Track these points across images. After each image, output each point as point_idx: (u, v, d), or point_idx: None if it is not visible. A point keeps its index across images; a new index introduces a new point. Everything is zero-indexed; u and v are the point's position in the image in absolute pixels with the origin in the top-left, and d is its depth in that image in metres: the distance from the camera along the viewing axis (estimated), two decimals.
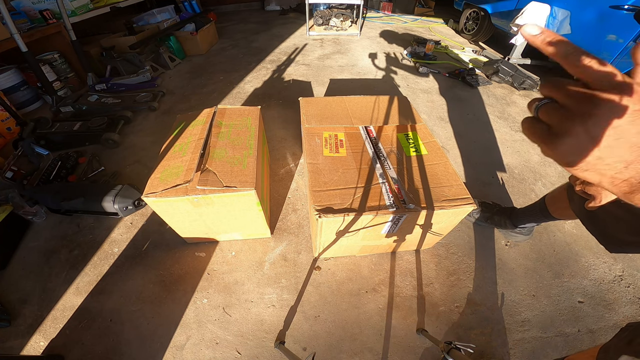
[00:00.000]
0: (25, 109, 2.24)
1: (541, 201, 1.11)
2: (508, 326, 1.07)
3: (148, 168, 1.70)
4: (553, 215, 1.05)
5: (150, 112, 2.20)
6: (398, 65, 2.97)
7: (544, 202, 1.08)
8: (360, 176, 1.03)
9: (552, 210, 1.04)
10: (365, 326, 1.06)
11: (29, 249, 1.30)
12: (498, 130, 2.06)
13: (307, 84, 2.60)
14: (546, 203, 1.07)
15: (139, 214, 1.43)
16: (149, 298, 1.13)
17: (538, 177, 1.68)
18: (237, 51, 3.30)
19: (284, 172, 1.67)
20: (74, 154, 1.71)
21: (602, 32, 1.99)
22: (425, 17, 4.71)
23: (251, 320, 1.07)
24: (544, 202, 1.08)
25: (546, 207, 1.07)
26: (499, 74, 2.60)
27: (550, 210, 1.05)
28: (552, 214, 1.05)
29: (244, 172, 1.00)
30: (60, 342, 1.02)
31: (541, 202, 1.10)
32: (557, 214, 1.03)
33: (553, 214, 1.04)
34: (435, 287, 1.17)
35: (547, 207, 1.06)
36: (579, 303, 1.14)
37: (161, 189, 0.94)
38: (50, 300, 1.13)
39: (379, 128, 1.27)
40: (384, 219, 0.94)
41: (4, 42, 1.91)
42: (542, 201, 1.10)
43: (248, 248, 1.29)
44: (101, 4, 2.68)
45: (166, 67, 2.87)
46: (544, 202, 1.08)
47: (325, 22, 3.93)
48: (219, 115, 1.28)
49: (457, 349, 0.79)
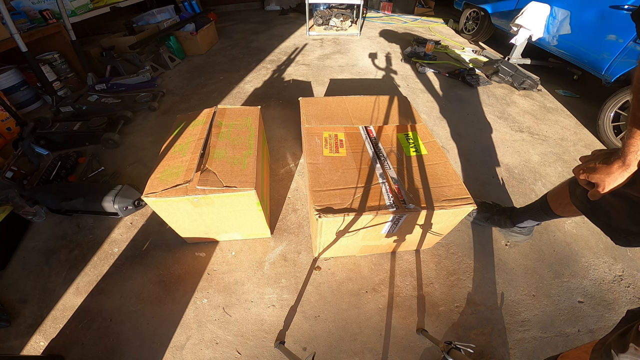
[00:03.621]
0: (25, 109, 2.24)
1: (543, 198, 1.11)
2: (508, 326, 1.07)
3: (148, 168, 1.70)
4: (555, 212, 1.05)
5: (150, 112, 2.20)
6: (398, 65, 2.97)
7: (546, 199, 1.09)
8: (360, 176, 1.03)
9: (554, 207, 1.05)
10: (365, 326, 1.06)
11: (29, 249, 1.30)
12: (498, 130, 2.06)
13: (307, 84, 2.60)
14: (548, 200, 1.08)
15: (139, 214, 1.43)
16: (149, 298, 1.13)
17: (538, 177, 1.68)
18: (237, 51, 3.30)
19: (284, 172, 1.67)
20: (74, 154, 1.71)
21: (602, 32, 1.98)
22: (425, 17, 4.71)
23: (251, 320, 1.07)
24: (546, 199, 1.09)
25: (548, 204, 1.07)
26: (499, 74, 2.60)
27: (552, 207, 1.05)
28: (554, 211, 1.05)
29: (244, 172, 1.00)
30: (60, 342, 1.02)
31: (543, 199, 1.11)
32: (559, 211, 1.03)
33: (555, 211, 1.05)
34: (435, 287, 1.17)
35: (549, 204, 1.07)
36: (579, 303, 1.14)
37: (161, 189, 0.94)
38: (50, 300, 1.13)
39: (379, 128, 1.27)
40: (384, 219, 0.94)
41: (4, 42, 1.91)
42: (544, 198, 1.11)
43: (248, 248, 1.29)
44: (101, 4, 2.68)
45: (166, 67, 2.87)
46: (546, 199, 1.09)
47: (325, 22, 3.93)
48: (219, 115, 1.28)
49: (457, 349, 0.79)
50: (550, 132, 2.06)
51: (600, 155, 0.67)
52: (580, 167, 0.71)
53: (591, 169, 0.67)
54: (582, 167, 0.71)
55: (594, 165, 0.67)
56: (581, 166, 0.71)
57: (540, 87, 2.60)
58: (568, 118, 2.23)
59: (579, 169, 0.71)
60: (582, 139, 2.01)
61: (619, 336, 0.57)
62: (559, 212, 1.03)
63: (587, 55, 2.13)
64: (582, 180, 0.71)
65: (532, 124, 2.14)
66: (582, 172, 0.70)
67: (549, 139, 1.99)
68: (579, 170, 0.71)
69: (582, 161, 0.72)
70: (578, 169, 0.71)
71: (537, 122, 2.16)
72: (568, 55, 2.33)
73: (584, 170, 0.69)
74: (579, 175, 0.71)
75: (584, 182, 0.71)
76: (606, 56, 1.97)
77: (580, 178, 0.71)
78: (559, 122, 2.17)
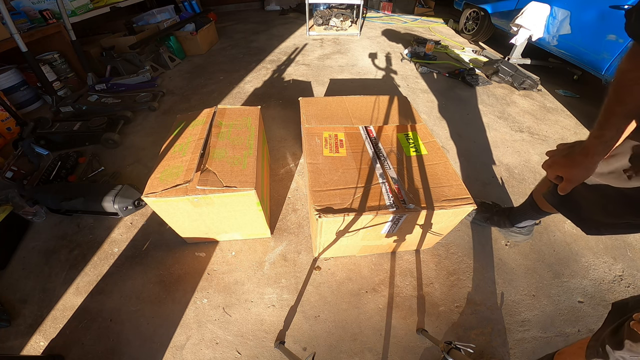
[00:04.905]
0: (25, 109, 2.24)
1: (530, 196, 1.11)
2: (508, 326, 1.07)
3: (148, 168, 1.70)
4: (542, 208, 1.05)
5: (150, 112, 2.20)
6: (398, 65, 2.97)
7: (532, 197, 1.09)
8: (360, 176, 1.03)
9: (540, 204, 1.05)
10: (365, 326, 1.06)
11: (29, 249, 1.30)
12: (498, 130, 2.06)
13: (307, 84, 2.60)
14: (534, 197, 1.08)
15: (139, 214, 1.43)
16: (149, 298, 1.13)
17: (538, 177, 1.67)
18: (237, 51, 3.30)
19: (284, 172, 1.67)
20: (74, 154, 1.71)
21: (602, 32, 1.98)
22: (425, 17, 4.71)
23: (251, 320, 1.07)
24: (532, 197, 1.09)
25: (534, 201, 1.07)
26: (499, 74, 2.60)
27: (538, 204, 1.05)
28: (541, 207, 1.05)
29: (244, 172, 1.00)
30: (60, 342, 1.02)
31: (530, 198, 1.11)
32: (545, 207, 1.03)
33: (542, 207, 1.04)
34: (435, 287, 1.17)
35: (535, 201, 1.07)
36: (579, 303, 1.14)
37: (161, 189, 0.94)
38: (50, 300, 1.13)
39: (379, 128, 1.27)
40: (384, 219, 0.94)
41: (4, 42, 1.91)
42: (530, 196, 1.11)
43: (248, 248, 1.29)
44: (101, 4, 2.68)
45: (166, 67, 2.87)
46: (532, 197, 1.09)
47: (325, 22, 3.93)
48: (219, 115, 1.28)
49: (457, 349, 0.79)
50: (550, 132, 2.06)
51: (564, 149, 0.67)
52: (547, 162, 0.70)
53: (556, 162, 0.67)
54: (548, 162, 0.70)
55: (559, 159, 0.66)
56: (548, 161, 0.70)
57: (540, 87, 2.60)
58: (568, 118, 2.23)
59: (547, 164, 0.70)
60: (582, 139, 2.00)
61: (613, 332, 0.57)
62: (546, 208, 1.03)
63: (587, 55, 2.13)
64: (551, 175, 0.70)
65: (532, 124, 2.14)
66: (548, 167, 0.69)
67: (549, 139, 1.99)
68: (547, 166, 0.70)
69: (549, 156, 0.72)
70: (546, 164, 0.71)
71: (537, 122, 2.16)
72: (568, 55, 2.33)
73: (550, 165, 0.69)
74: (547, 170, 0.71)
75: (553, 176, 0.70)
76: (606, 56, 1.97)
77: (549, 173, 0.70)
78: (559, 122, 2.17)
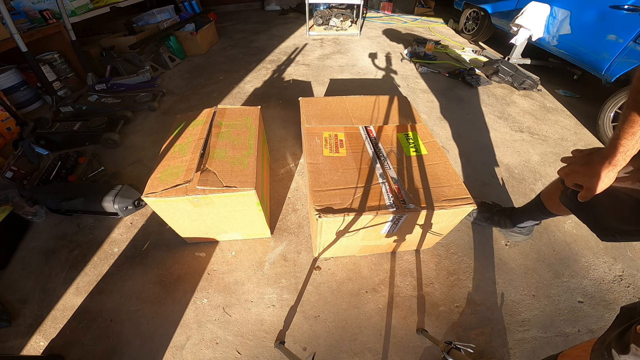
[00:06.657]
0: (25, 109, 2.24)
1: (537, 197, 1.11)
2: (508, 326, 1.07)
3: (148, 168, 1.70)
4: (550, 210, 1.05)
5: (150, 112, 2.20)
6: (398, 65, 2.97)
7: (540, 198, 1.09)
8: (360, 176, 1.03)
9: (548, 206, 1.04)
10: (365, 326, 1.06)
11: (29, 249, 1.30)
12: (498, 130, 2.06)
13: (307, 84, 2.60)
14: (542, 199, 1.08)
15: (139, 214, 1.43)
16: (149, 298, 1.13)
17: (538, 177, 1.68)
18: (237, 51, 3.30)
19: (284, 172, 1.67)
20: (74, 154, 1.71)
21: (602, 32, 1.98)
22: (425, 17, 4.71)
23: (251, 320, 1.07)
24: (540, 198, 1.09)
25: (542, 202, 1.07)
26: (499, 74, 2.60)
27: (546, 205, 1.05)
28: (549, 210, 1.05)
29: (244, 172, 1.00)
30: (60, 342, 1.02)
31: (537, 199, 1.11)
32: (554, 209, 1.03)
33: (550, 209, 1.04)
34: (435, 287, 1.17)
35: (543, 203, 1.07)
36: (579, 303, 1.14)
37: (161, 189, 0.94)
38: (50, 300, 1.13)
39: (379, 128, 1.27)
40: (384, 219, 0.94)
41: (4, 42, 1.91)
42: (537, 197, 1.11)
43: (248, 248, 1.29)
44: (101, 4, 2.68)
45: (166, 67, 2.87)
46: (540, 198, 1.09)
47: (325, 22, 3.93)
48: (219, 115, 1.28)
49: (457, 349, 0.79)
50: (550, 132, 2.06)
51: (582, 157, 0.66)
52: (565, 170, 0.69)
53: (575, 171, 0.66)
54: (566, 169, 0.69)
55: (578, 168, 0.65)
56: (566, 169, 0.70)
57: (540, 87, 2.60)
58: (568, 118, 2.23)
59: (564, 172, 0.70)
60: (582, 139, 2.01)
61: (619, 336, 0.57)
62: (554, 210, 1.03)
63: (587, 55, 2.13)
64: (569, 182, 0.69)
65: (532, 124, 2.14)
66: (566, 175, 0.69)
67: (549, 139, 1.99)
68: (564, 174, 0.70)
69: (565, 162, 0.71)
70: (563, 172, 0.70)
71: (537, 122, 2.16)
72: (568, 55, 2.33)
73: (568, 173, 0.68)
74: (565, 178, 0.70)
75: (571, 184, 0.69)
76: (606, 56, 1.97)
77: (567, 181, 0.70)
78: (559, 122, 2.17)
